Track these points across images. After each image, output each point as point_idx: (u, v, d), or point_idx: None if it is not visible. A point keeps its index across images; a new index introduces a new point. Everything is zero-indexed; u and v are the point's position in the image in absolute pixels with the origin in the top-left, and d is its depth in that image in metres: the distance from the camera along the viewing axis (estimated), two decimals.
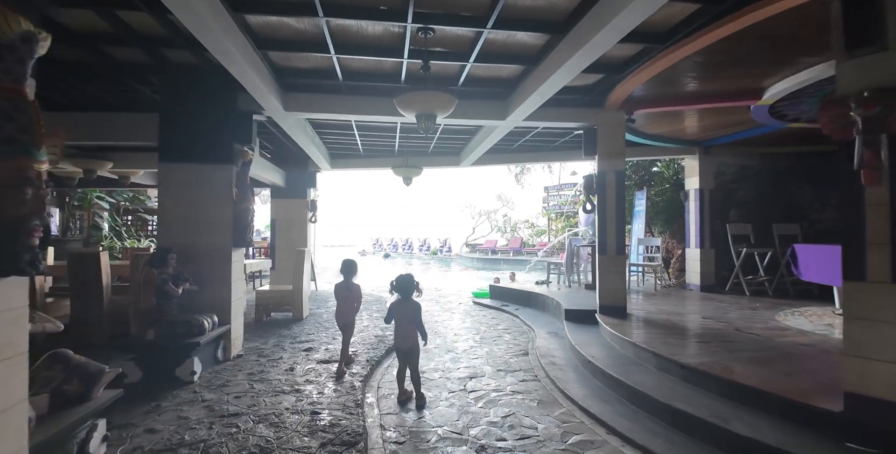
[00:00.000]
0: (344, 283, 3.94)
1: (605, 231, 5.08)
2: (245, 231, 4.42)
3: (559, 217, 20.39)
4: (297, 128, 5.38)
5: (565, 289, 7.32)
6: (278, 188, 8.17)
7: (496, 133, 5.62)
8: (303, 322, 5.89)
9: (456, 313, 6.86)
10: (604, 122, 5.12)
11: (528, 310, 6.76)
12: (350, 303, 3.98)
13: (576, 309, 5.41)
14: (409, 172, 6.70)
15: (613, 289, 5.02)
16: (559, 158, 7.72)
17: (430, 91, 3.17)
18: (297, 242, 8.15)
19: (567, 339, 4.76)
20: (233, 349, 4.35)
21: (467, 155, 7.18)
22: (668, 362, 3.38)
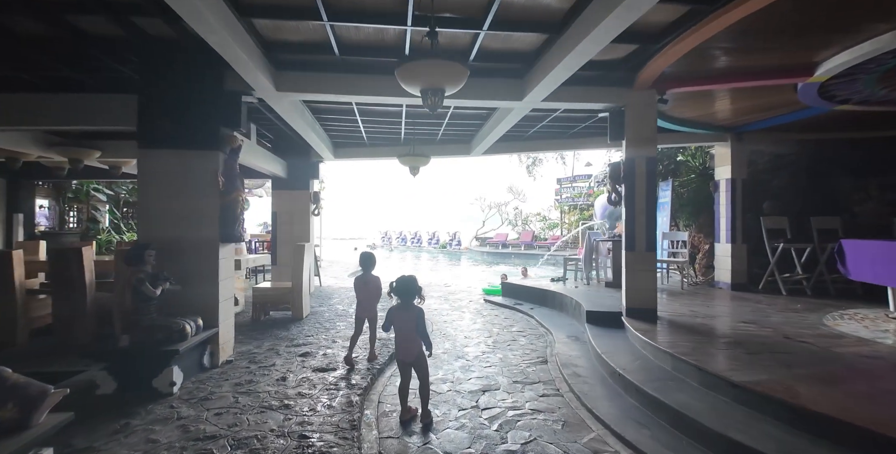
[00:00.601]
0: (362, 277, 3.86)
1: (633, 225, 4.57)
2: (234, 224, 4.00)
3: (572, 210, 19.77)
4: (293, 112, 4.92)
5: (583, 287, 6.83)
6: (279, 179, 7.76)
7: (511, 117, 5.10)
8: (302, 322, 5.49)
9: (466, 312, 6.41)
10: (633, 102, 4.58)
11: (544, 310, 6.29)
12: (370, 297, 3.90)
13: (598, 310, 4.92)
14: (415, 161, 6.22)
15: (642, 290, 4.52)
16: (578, 146, 7.16)
17: (437, 60, 2.68)
18: (300, 236, 7.75)
19: (590, 345, 4.28)
20: (221, 354, 3.95)
21: (478, 143, 6.68)
22: (715, 379, 2.89)
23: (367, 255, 3.92)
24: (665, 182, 8.00)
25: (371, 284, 3.86)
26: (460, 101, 4.38)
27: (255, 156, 6.16)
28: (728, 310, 5.13)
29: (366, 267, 3.89)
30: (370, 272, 3.90)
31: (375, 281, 3.89)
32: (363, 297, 3.92)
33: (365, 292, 3.90)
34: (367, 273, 3.88)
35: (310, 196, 7.90)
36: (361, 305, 3.94)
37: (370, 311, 3.96)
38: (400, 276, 2.94)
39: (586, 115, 5.89)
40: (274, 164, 7.25)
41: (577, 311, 5.49)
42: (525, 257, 17.88)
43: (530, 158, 21.84)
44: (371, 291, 3.90)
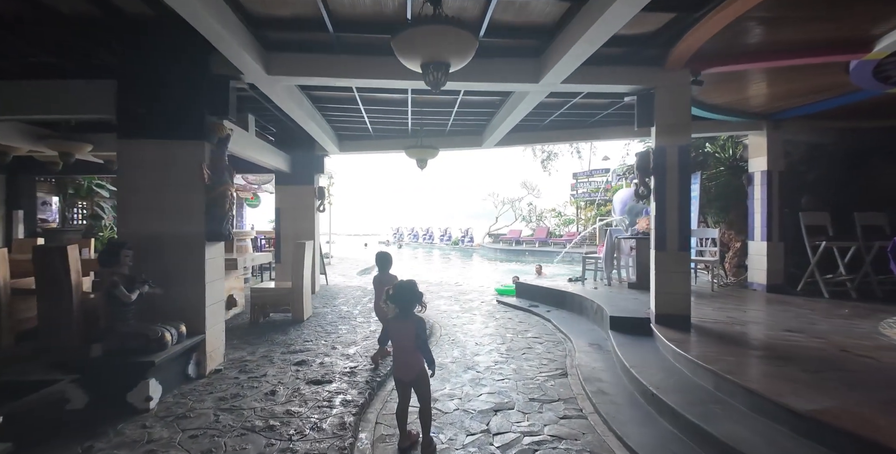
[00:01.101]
0: (380, 277, 3.83)
1: (663, 221, 4.09)
2: (221, 221, 3.66)
3: (589, 205, 19.15)
4: (290, 100, 4.56)
5: (604, 289, 6.35)
6: (283, 174, 7.43)
7: (525, 103, 4.65)
8: (302, 325, 5.15)
9: (477, 315, 6.00)
10: (664, 84, 4.08)
11: (562, 313, 5.84)
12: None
13: (623, 316, 4.46)
14: (423, 154, 5.80)
15: (674, 294, 4.04)
16: (599, 136, 6.64)
17: (439, 26, 2.26)
18: (304, 233, 7.43)
19: (615, 356, 3.84)
20: (209, 363, 3.62)
21: (490, 133, 6.23)
22: (771, 405, 2.43)
23: (383, 255, 3.87)
24: (693, 175, 7.43)
25: (388, 284, 3.63)
26: (469, 84, 3.94)
27: (254, 148, 5.83)
28: (768, 316, 4.62)
29: (382, 266, 3.85)
30: (387, 271, 3.86)
31: (393, 280, 3.70)
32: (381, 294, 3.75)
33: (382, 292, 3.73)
34: (385, 272, 3.84)
35: (314, 191, 7.56)
36: (378, 306, 3.82)
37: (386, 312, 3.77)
38: (398, 282, 2.55)
39: (609, 101, 5.39)
40: (276, 157, 6.92)
41: (599, 316, 5.04)
42: (539, 254, 17.37)
43: (545, 152, 21.24)
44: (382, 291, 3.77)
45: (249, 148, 5.65)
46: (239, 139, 5.28)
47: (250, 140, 5.70)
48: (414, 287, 2.49)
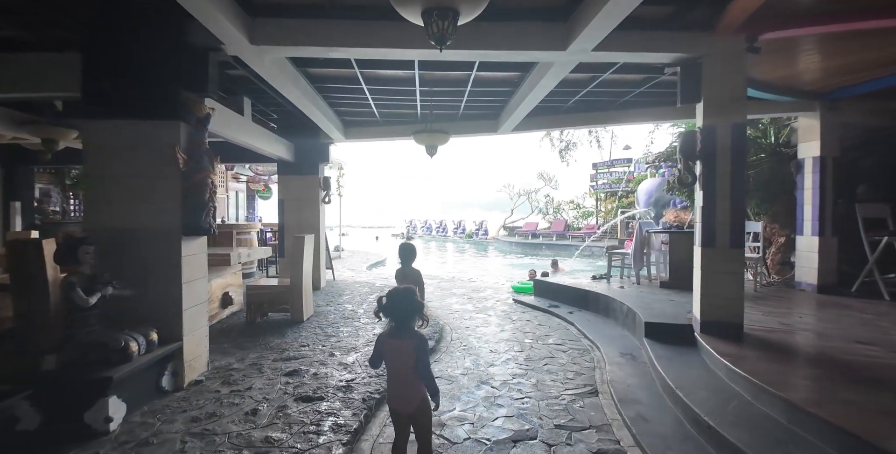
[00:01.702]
0: (402, 270, 3.63)
1: (712, 213, 3.49)
2: (200, 213, 3.21)
3: (610, 197, 18.37)
4: (283, 77, 4.08)
5: (632, 288, 5.77)
6: (286, 163, 7.00)
7: (549, 78, 4.07)
8: (301, 327, 4.72)
9: (493, 315, 5.50)
10: (714, 51, 3.46)
11: (586, 315, 5.29)
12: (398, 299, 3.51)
13: (661, 322, 3.89)
14: (432, 139, 5.27)
15: (724, 299, 3.46)
16: (629, 119, 5.98)
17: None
18: (309, 225, 7.01)
19: (654, 371, 3.29)
20: (188, 373, 3.21)
21: (507, 117, 5.65)
22: (872, 451, 1.87)
23: (406, 247, 3.67)
24: None
25: (411, 278, 3.57)
26: (486, 52, 3.39)
27: (250, 134, 5.38)
28: (829, 324, 3.99)
29: (405, 259, 3.64)
30: (410, 264, 3.64)
31: (416, 274, 3.62)
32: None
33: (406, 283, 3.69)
34: (407, 266, 3.63)
35: (319, 181, 7.11)
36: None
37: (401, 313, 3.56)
38: (392, 289, 2.05)
39: (642, 77, 4.77)
40: (277, 145, 6.47)
41: (630, 320, 4.48)
42: (557, 248, 16.74)
43: (563, 142, 20.44)
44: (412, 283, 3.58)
45: (245, 133, 5.20)
46: (232, 123, 4.84)
47: (246, 125, 5.25)
48: (411, 296, 1.99)
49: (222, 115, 4.58)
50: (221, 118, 4.57)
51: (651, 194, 11.58)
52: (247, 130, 5.29)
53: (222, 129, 4.59)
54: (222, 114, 4.56)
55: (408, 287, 2.05)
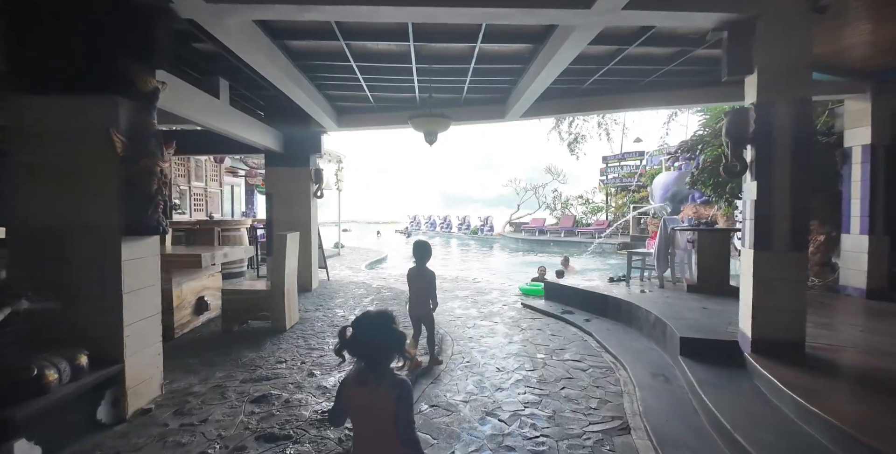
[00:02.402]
0: (417, 269, 3.50)
1: (767, 208, 2.87)
2: (145, 208, 2.65)
3: (620, 192, 17.67)
4: (255, 49, 3.49)
5: (657, 292, 5.16)
6: (274, 154, 6.43)
7: (566, 49, 3.45)
8: (281, 338, 4.17)
9: (499, 323, 4.91)
10: (771, 11, 2.83)
11: (605, 324, 4.69)
12: (423, 292, 3.49)
13: (700, 338, 3.29)
14: (431, 124, 4.68)
15: (783, 312, 2.85)
16: (655, 102, 5.31)
17: None
18: (300, 221, 6.46)
19: (698, 400, 2.70)
20: (133, 402, 2.66)
21: (516, 100, 5.03)
22: None
23: (421, 245, 3.50)
24: None
25: (426, 279, 3.47)
26: (493, 10, 2.77)
27: (228, 120, 4.82)
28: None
29: (420, 258, 3.46)
30: (425, 264, 3.48)
31: (430, 276, 3.49)
32: (416, 294, 3.52)
33: (418, 287, 3.51)
34: (422, 265, 3.47)
35: (310, 174, 6.54)
36: (413, 302, 3.56)
37: (422, 308, 3.49)
38: (362, 315, 1.47)
39: (674, 51, 4.13)
40: (264, 134, 5.91)
41: (660, 333, 3.88)
42: (565, 245, 16.11)
43: (572, 135, 19.73)
44: (426, 285, 3.48)
45: (221, 118, 4.64)
46: (205, 106, 4.29)
47: (222, 109, 4.68)
48: (387, 324, 1.41)
49: (191, 97, 4.02)
50: (191, 100, 4.03)
51: (668, 188, 10.92)
52: (224, 115, 4.73)
53: (192, 113, 4.04)
54: (191, 95, 4.00)
55: (382, 312, 1.47)
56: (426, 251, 3.47)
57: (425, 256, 3.46)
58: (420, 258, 3.46)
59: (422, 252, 3.46)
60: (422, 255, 3.45)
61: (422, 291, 3.47)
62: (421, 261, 3.47)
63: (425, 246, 3.50)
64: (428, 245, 3.53)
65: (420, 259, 3.47)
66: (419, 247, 3.47)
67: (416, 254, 3.47)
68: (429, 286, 3.46)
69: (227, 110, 4.81)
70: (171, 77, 3.68)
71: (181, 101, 3.91)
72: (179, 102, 3.87)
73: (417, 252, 3.46)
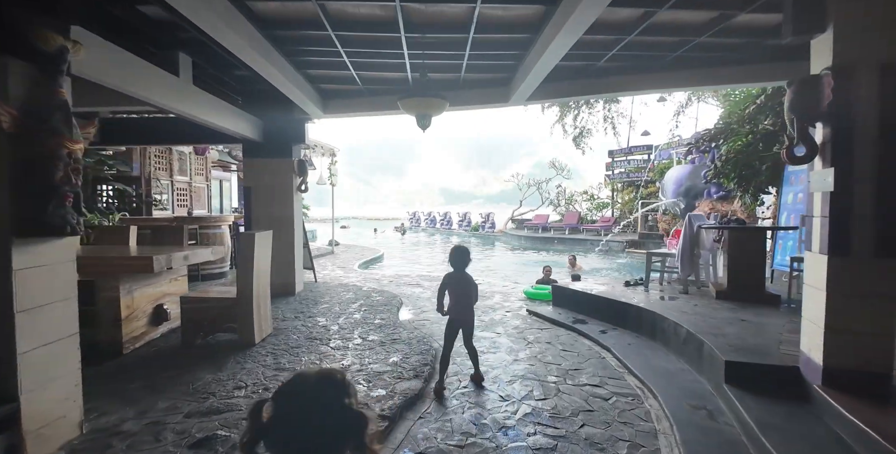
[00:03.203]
0: (457, 274, 3.14)
1: (847, 201, 2.25)
2: (46, 200, 2.06)
3: (627, 187, 17.02)
4: (208, 12, 2.87)
5: (682, 299, 4.55)
6: (252, 144, 5.83)
7: (582, 12, 2.82)
8: (247, 355, 3.57)
9: (502, 335, 4.31)
10: None
11: (624, 337, 4.09)
12: (467, 297, 3.12)
13: (750, 362, 2.68)
14: (424, 106, 4.06)
15: (865, 336, 2.24)
16: (684, 81, 4.62)
17: None
18: (281, 218, 5.86)
19: (760, 450, 2.09)
20: (37, 448, 2.06)
21: (522, 80, 4.39)
22: None
23: (460, 252, 3.15)
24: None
25: (471, 282, 3.15)
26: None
27: (194, 103, 4.22)
28: None
29: (458, 266, 3.12)
30: (464, 270, 3.14)
31: (467, 284, 3.13)
32: (458, 294, 3.11)
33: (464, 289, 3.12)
34: (461, 271, 3.13)
35: (293, 166, 5.93)
36: (456, 308, 3.11)
37: (468, 314, 3.14)
38: (292, 379, 0.87)
39: (710, 18, 3.49)
40: (238, 121, 5.30)
41: (692, 350, 3.27)
42: (570, 243, 15.48)
43: (577, 128, 19.03)
44: (471, 289, 3.13)
45: (183, 100, 4.04)
46: (161, 85, 3.70)
47: (184, 89, 4.08)
48: (334, 396, 0.82)
49: (141, 71, 3.43)
50: (141, 75, 3.43)
51: (681, 183, 10.26)
52: (186, 96, 4.12)
53: (143, 91, 3.44)
54: (140, 69, 3.41)
55: (327, 376, 0.87)
56: (464, 257, 3.15)
57: (463, 261, 3.14)
58: (459, 264, 3.14)
59: (459, 259, 3.14)
60: (459, 263, 3.14)
61: (466, 296, 3.13)
62: (458, 269, 3.14)
63: (464, 252, 3.16)
64: (467, 250, 3.19)
65: (458, 267, 3.14)
66: (459, 254, 3.14)
67: (453, 262, 3.14)
68: (473, 291, 3.15)
69: (189, 91, 4.19)
70: (113, 46, 3.08)
71: (128, 77, 3.30)
72: (125, 78, 3.27)
73: (457, 258, 3.13)
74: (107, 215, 7.74)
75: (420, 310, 5.30)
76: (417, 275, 8.14)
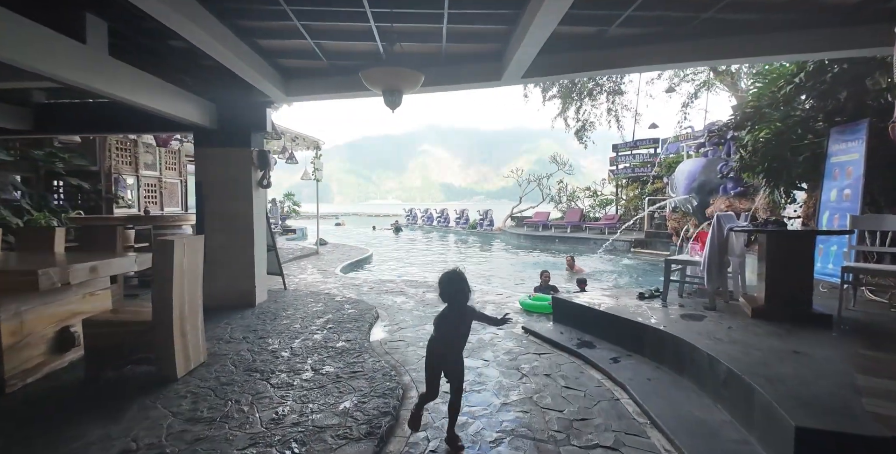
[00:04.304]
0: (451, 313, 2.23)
1: None
2: None
3: (632, 183, 16.19)
4: None
5: (708, 317, 3.75)
6: (204, 131, 5.03)
7: None
8: (161, 395, 2.79)
9: (491, 364, 3.50)
10: None
11: (641, 367, 3.29)
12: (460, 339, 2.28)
13: (831, 431, 1.88)
14: (392, 79, 3.24)
15: None
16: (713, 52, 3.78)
17: None
18: (239, 217, 5.08)
19: None
20: None
21: (516, 49, 3.56)
22: None
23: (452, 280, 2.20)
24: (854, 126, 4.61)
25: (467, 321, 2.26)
26: None
27: (112, 78, 3.43)
28: None
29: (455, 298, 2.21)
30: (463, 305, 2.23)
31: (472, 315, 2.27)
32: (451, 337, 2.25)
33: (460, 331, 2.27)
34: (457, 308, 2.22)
35: (252, 157, 5.13)
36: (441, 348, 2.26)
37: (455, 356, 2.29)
38: None
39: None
40: (184, 104, 4.51)
41: (737, 396, 2.47)
42: (572, 242, 14.68)
43: (579, 121, 18.16)
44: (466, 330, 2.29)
45: (94, 74, 3.26)
46: (61, 54, 2.89)
47: (95, 60, 3.29)
48: None
49: (29, 36, 2.62)
50: (30, 40, 2.64)
51: (693, 177, 9.42)
52: (98, 69, 3.32)
53: (31, 60, 2.65)
54: (26, 31, 2.60)
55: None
56: (458, 290, 2.20)
57: (458, 293, 2.20)
58: (452, 300, 2.22)
59: (453, 288, 2.20)
60: (454, 294, 2.20)
61: (459, 339, 2.29)
62: (453, 303, 2.24)
63: (454, 279, 2.21)
64: (460, 276, 2.24)
65: (455, 299, 2.22)
66: (449, 282, 2.21)
67: (443, 293, 2.23)
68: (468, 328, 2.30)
69: (103, 62, 3.39)
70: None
71: (9, 42, 2.53)
72: (5, 43, 2.50)
73: (446, 288, 2.21)
74: (58, 214, 6.98)
75: (397, 326, 4.51)
76: (403, 280, 7.35)
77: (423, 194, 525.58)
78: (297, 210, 18.54)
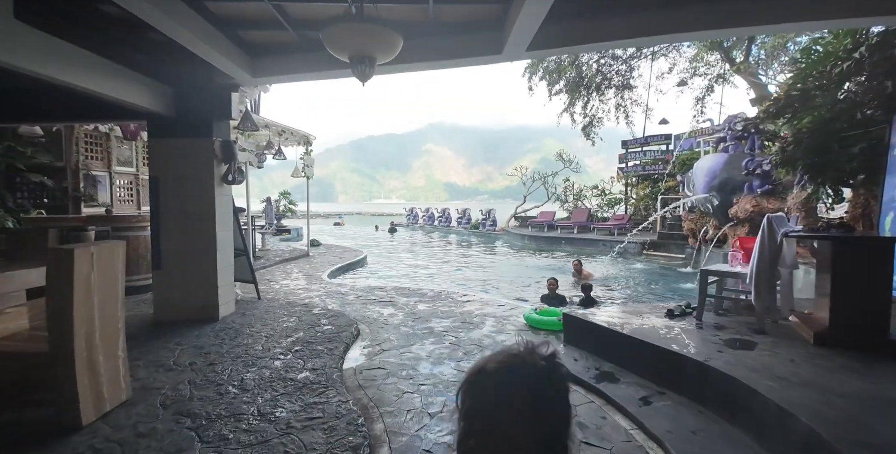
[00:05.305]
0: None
1: None
2: None
3: (642, 181, 15.42)
4: None
5: (759, 343, 3.04)
6: (160, 119, 4.36)
7: None
8: (60, 447, 2.11)
9: None
10: None
11: (679, 412, 2.58)
12: None
13: None
14: (361, 40, 2.55)
15: None
16: (756, 18, 3.03)
17: None
18: (200, 217, 4.40)
19: None
20: None
21: (518, 12, 2.86)
22: None
23: (477, 384, 0.75)
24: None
25: None
26: None
27: (26, 50, 2.75)
28: None
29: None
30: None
31: None
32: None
33: None
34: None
35: (215, 149, 4.45)
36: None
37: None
38: None
39: None
40: (136, 88, 3.86)
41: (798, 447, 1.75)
42: (579, 243, 13.94)
43: (587, 117, 17.39)
44: None
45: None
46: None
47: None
48: None
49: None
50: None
51: (714, 174, 8.65)
52: (25, 45, 2.65)
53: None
54: None
55: None
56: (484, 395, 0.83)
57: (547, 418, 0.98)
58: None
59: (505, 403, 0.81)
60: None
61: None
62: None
63: (480, 383, 0.73)
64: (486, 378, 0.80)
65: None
66: (474, 389, 0.73)
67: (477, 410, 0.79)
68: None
69: (7, 28, 2.71)
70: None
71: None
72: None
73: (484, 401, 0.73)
74: (15, 214, 6.35)
75: (378, 347, 3.82)
76: (394, 287, 6.65)
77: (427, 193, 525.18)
78: (294, 209, 17.85)
